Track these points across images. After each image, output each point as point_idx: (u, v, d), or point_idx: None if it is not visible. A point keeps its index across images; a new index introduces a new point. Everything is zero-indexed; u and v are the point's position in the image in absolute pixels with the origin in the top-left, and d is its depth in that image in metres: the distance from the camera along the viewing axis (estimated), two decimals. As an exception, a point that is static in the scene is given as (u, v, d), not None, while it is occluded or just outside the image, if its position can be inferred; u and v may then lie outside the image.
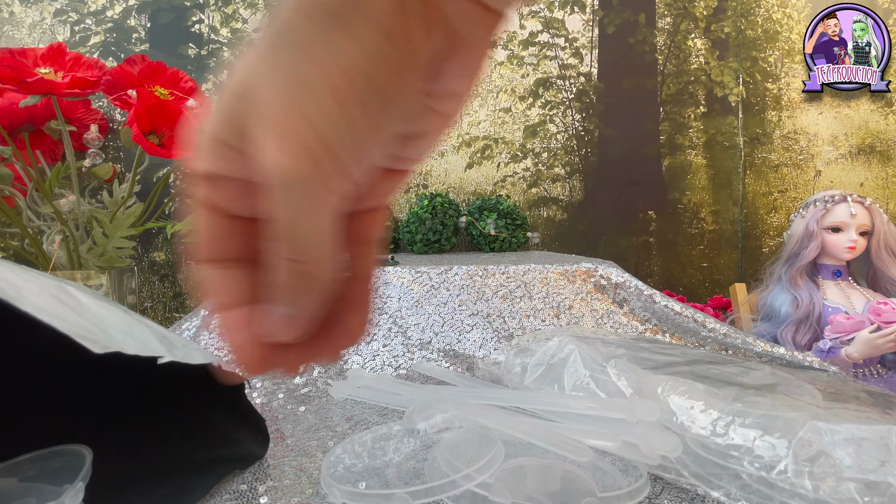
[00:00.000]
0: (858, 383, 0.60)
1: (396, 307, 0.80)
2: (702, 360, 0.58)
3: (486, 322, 0.79)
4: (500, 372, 0.64)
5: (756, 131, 1.40)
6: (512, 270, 0.84)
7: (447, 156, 1.41)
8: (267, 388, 0.66)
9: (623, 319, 0.81)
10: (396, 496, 0.36)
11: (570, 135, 1.40)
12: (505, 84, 1.41)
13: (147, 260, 1.34)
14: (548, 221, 1.40)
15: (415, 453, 0.48)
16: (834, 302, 1.00)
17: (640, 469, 0.41)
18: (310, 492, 0.44)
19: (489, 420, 0.46)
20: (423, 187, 1.40)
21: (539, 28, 1.41)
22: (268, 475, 0.47)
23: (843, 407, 0.45)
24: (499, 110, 1.41)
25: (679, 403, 0.45)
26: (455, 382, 0.61)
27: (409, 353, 0.75)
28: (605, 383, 0.52)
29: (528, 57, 1.41)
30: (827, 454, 0.38)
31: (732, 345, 0.76)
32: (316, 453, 0.50)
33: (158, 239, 1.35)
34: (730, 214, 1.40)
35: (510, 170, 1.40)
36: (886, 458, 0.37)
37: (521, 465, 0.40)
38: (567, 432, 0.44)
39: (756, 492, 0.39)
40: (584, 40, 1.41)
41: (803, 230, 1.03)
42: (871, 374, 0.94)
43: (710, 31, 1.41)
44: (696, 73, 1.40)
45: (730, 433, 0.41)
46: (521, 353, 0.62)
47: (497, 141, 1.40)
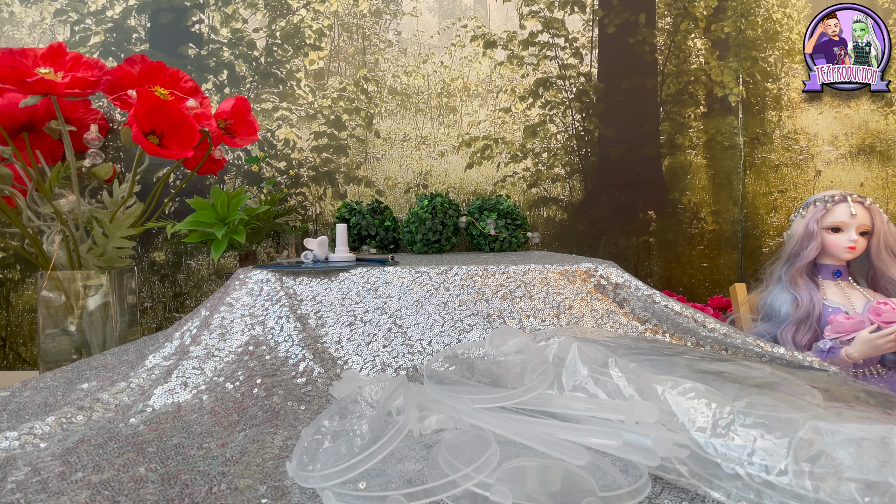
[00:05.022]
0: (858, 383, 0.60)
1: (396, 307, 0.80)
2: (702, 360, 0.58)
3: (486, 322, 0.79)
4: (500, 372, 0.64)
5: (756, 131, 1.40)
6: (512, 270, 0.84)
7: (447, 156, 1.41)
8: (267, 385, 0.66)
9: (623, 319, 0.81)
10: (391, 498, 0.36)
11: (570, 135, 1.40)
12: (505, 84, 1.41)
13: (147, 260, 1.34)
14: (548, 221, 1.40)
15: (414, 453, 0.48)
16: (834, 302, 1.00)
17: (641, 469, 0.41)
18: (311, 491, 0.44)
19: (487, 423, 0.46)
20: (423, 187, 1.40)
21: (539, 28, 1.41)
22: (268, 475, 0.47)
23: (844, 407, 0.45)
24: (499, 110, 1.41)
25: (679, 403, 0.45)
26: (455, 382, 0.61)
27: (409, 353, 0.75)
28: (605, 383, 0.52)
29: (528, 57, 1.41)
30: (827, 454, 0.38)
31: (732, 345, 0.76)
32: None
33: (158, 239, 1.35)
34: (730, 214, 1.40)
35: (510, 170, 1.40)
36: (887, 459, 0.37)
37: (522, 466, 0.40)
38: (566, 433, 0.44)
39: (756, 492, 0.39)
40: (584, 40, 1.41)
41: (803, 230, 1.03)
42: (871, 374, 0.94)
43: (710, 31, 1.41)
44: (696, 73, 1.40)
45: (730, 433, 0.41)
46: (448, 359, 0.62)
47: (497, 141, 1.40)
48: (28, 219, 0.98)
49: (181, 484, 0.45)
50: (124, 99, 0.91)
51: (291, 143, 1.37)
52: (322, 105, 1.38)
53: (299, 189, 1.37)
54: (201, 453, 0.51)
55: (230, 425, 0.58)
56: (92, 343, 0.95)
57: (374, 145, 1.39)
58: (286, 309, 0.77)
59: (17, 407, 0.64)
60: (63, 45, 0.95)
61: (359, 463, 0.40)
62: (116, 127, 1.30)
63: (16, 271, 1.31)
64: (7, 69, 0.85)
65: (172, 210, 1.35)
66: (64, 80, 0.88)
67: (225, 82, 1.36)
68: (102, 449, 0.52)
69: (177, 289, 1.35)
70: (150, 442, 0.54)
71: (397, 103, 1.41)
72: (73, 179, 0.97)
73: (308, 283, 0.82)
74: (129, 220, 1.00)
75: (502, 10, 1.42)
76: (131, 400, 0.65)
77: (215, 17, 1.37)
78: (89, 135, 1.02)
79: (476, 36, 1.42)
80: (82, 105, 1.08)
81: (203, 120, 0.99)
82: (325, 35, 1.39)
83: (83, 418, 0.60)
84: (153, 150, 0.89)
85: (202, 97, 1.08)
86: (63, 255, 0.97)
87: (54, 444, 0.54)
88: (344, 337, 0.76)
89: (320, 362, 0.71)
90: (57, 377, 0.73)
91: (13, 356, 1.31)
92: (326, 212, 1.38)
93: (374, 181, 1.39)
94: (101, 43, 1.34)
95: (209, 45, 1.36)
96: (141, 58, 0.99)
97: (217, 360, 0.71)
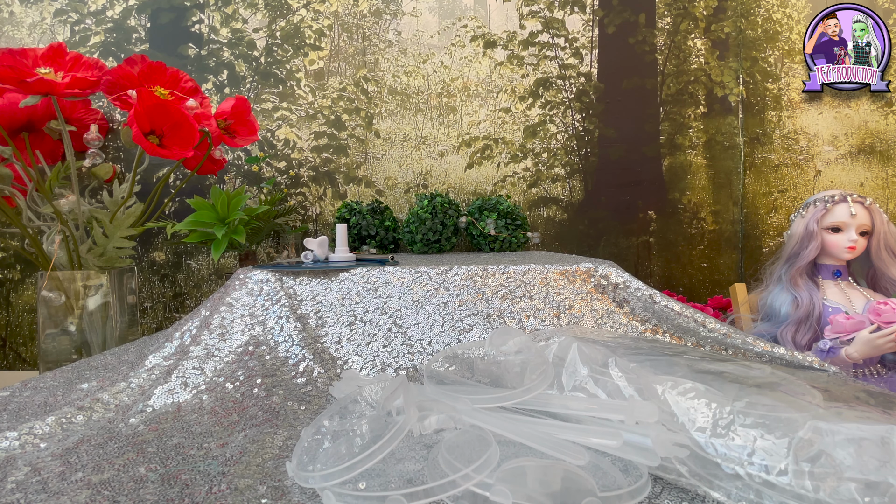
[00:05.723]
0: (858, 383, 0.60)
1: (396, 307, 0.80)
2: (702, 360, 0.58)
3: (486, 322, 0.79)
4: (500, 372, 0.64)
5: (756, 131, 1.40)
6: (512, 270, 0.84)
7: (447, 156, 1.41)
8: (267, 385, 0.66)
9: (623, 319, 0.81)
10: (391, 498, 0.36)
11: (570, 135, 1.40)
12: (505, 84, 1.41)
13: (147, 260, 1.34)
14: (548, 221, 1.40)
15: (414, 453, 0.48)
16: (834, 302, 1.00)
17: (641, 469, 0.41)
18: (311, 491, 0.44)
19: (487, 423, 0.46)
20: (423, 187, 1.40)
21: (539, 28, 1.41)
22: (268, 475, 0.47)
23: (844, 407, 0.45)
24: (499, 110, 1.41)
25: (679, 403, 0.45)
26: (455, 382, 0.61)
27: (409, 353, 0.75)
28: (605, 383, 0.52)
29: (528, 57, 1.41)
30: (827, 454, 0.38)
31: (732, 345, 0.76)
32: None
33: (158, 239, 1.35)
34: (730, 214, 1.40)
35: (510, 170, 1.40)
36: (887, 459, 0.37)
37: (522, 466, 0.40)
38: (566, 433, 0.44)
39: (756, 492, 0.39)
40: (584, 40, 1.41)
41: (803, 230, 1.03)
42: (871, 374, 0.94)
43: (710, 31, 1.41)
44: (696, 73, 1.40)
45: (730, 433, 0.41)
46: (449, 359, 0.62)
47: (497, 141, 1.40)
48: (28, 219, 0.98)
49: (181, 484, 0.45)
50: (124, 99, 0.91)
51: (291, 143, 1.37)
52: (322, 105, 1.38)
53: (299, 189, 1.37)
54: (201, 453, 0.51)
55: (230, 425, 0.58)
56: (92, 343, 0.95)
57: (374, 145, 1.39)
58: (286, 309, 0.77)
59: (17, 407, 0.64)
60: (63, 45, 0.95)
61: (359, 463, 0.40)
62: (116, 127, 1.30)
63: (16, 271, 1.31)
64: (7, 69, 0.85)
65: (172, 210, 1.35)
66: (64, 80, 0.88)
67: (225, 82, 1.36)
68: (102, 449, 0.52)
69: (177, 289, 1.35)
70: (150, 442, 0.54)
71: (397, 103, 1.41)
72: (73, 179, 0.97)
73: (308, 283, 0.82)
74: (129, 220, 1.00)
75: (502, 10, 1.42)
76: (131, 400, 0.65)
77: (215, 17, 1.37)
78: (89, 135, 1.02)
79: (476, 36, 1.42)
80: (82, 105, 1.08)
81: (203, 120, 0.99)
82: (325, 35, 1.39)
83: (83, 418, 0.60)
84: (153, 150, 0.89)
85: (202, 97, 1.07)
86: (63, 255, 0.97)
87: (54, 444, 0.54)
88: (344, 337, 0.76)
89: (320, 362, 0.71)
90: (57, 377, 0.73)
91: (13, 356, 1.31)
92: (326, 212, 1.37)
93: (374, 181, 1.39)
94: (101, 43, 1.34)
95: (209, 45, 1.36)
96: (141, 58, 0.99)
97: (217, 360, 0.71)
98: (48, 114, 1.02)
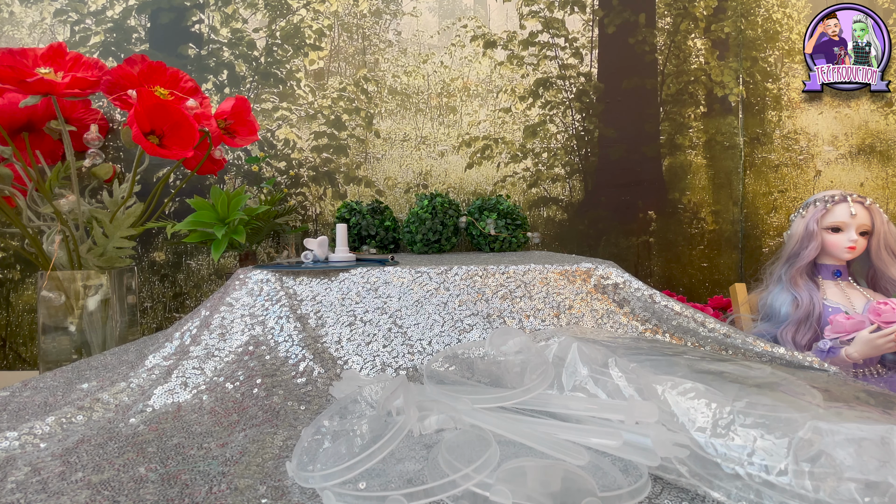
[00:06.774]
0: (858, 383, 0.60)
1: (396, 307, 0.80)
2: (702, 360, 0.58)
3: (486, 322, 0.79)
4: (500, 372, 0.64)
5: (756, 131, 1.40)
6: (512, 270, 0.84)
7: (447, 156, 1.41)
8: (267, 385, 0.66)
9: (623, 319, 0.81)
10: (391, 498, 0.36)
11: (570, 135, 1.40)
12: (505, 84, 1.41)
13: (147, 260, 1.34)
14: (548, 221, 1.40)
15: (414, 453, 0.48)
16: (834, 302, 1.00)
17: (641, 469, 0.41)
18: (311, 491, 0.44)
19: (487, 423, 0.46)
20: (423, 187, 1.40)
21: (539, 28, 1.41)
22: (268, 475, 0.47)
23: (844, 407, 0.45)
24: (499, 110, 1.41)
25: (679, 403, 0.45)
26: (455, 383, 0.61)
27: (409, 353, 0.75)
28: (605, 383, 0.52)
29: (528, 57, 1.41)
30: (827, 454, 0.38)
31: (732, 345, 0.76)
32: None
33: (158, 239, 1.35)
34: (730, 214, 1.40)
35: (510, 170, 1.40)
36: (887, 459, 0.37)
37: (522, 466, 0.40)
38: (566, 433, 0.44)
39: (756, 492, 0.39)
40: (584, 40, 1.40)
41: (803, 230, 1.03)
42: (871, 374, 0.94)
43: (710, 31, 1.41)
44: (696, 73, 1.40)
45: (730, 433, 0.41)
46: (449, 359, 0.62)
47: (497, 141, 1.40)
48: (28, 219, 0.98)
49: (181, 484, 0.45)
50: (124, 99, 0.91)
51: (291, 143, 1.37)
52: (322, 105, 1.38)
53: (299, 189, 1.37)
54: (201, 453, 0.51)
55: (230, 425, 0.58)
56: (92, 343, 0.95)
57: (374, 145, 1.39)
58: (286, 309, 0.77)
59: (17, 407, 0.64)
60: (63, 45, 0.95)
61: (359, 463, 0.40)
62: (116, 127, 1.30)
63: (16, 271, 1.31)
64: (7, 69, 0.85)
65: (172, 210, 1.35)
66: (64, 80, 0.88)
67: (225, 82, 1.36)
68: (102, 449, 0.52)
69: (177, 289, 1.35)
70: (150, 442, 0.54)
71: (397, 103, 1.41)
72: (73, 179, 0.97)
73: (308, 283, 0.82)
74: (129, 220, 1.00)
75: (502, 10, 1.42)
76: (131, 400, 0.65)
77: (215, 17, 1.37)
78: (89, 135, 1.02)
79: (476, 36, 1.42)
80: (82, 105, 1.08)
81: (203, 120, 0.99)
82: (325, 35, 1.39)
83: (83, 418, 0.60)
84: (153, 150, 0.89)
85: (202, 97, 1.07)
86: (63, 255, 0.97)
87: (54, 444, 0.54)
88: (344, 337, 0.76)
89: (320, 362, 0.71)
90: (57, 377, 0.73)
91: (13, 356, 1.31)
92: (326, 212, 1.37)
93: (374, 181, 1.39)
94: (101, 43, 1.34)
95: (209, 45, 1.36)
96: (141, 58, 0.99)
97: (217, 360, 0.71)
98: (48, 114, 1.02)
